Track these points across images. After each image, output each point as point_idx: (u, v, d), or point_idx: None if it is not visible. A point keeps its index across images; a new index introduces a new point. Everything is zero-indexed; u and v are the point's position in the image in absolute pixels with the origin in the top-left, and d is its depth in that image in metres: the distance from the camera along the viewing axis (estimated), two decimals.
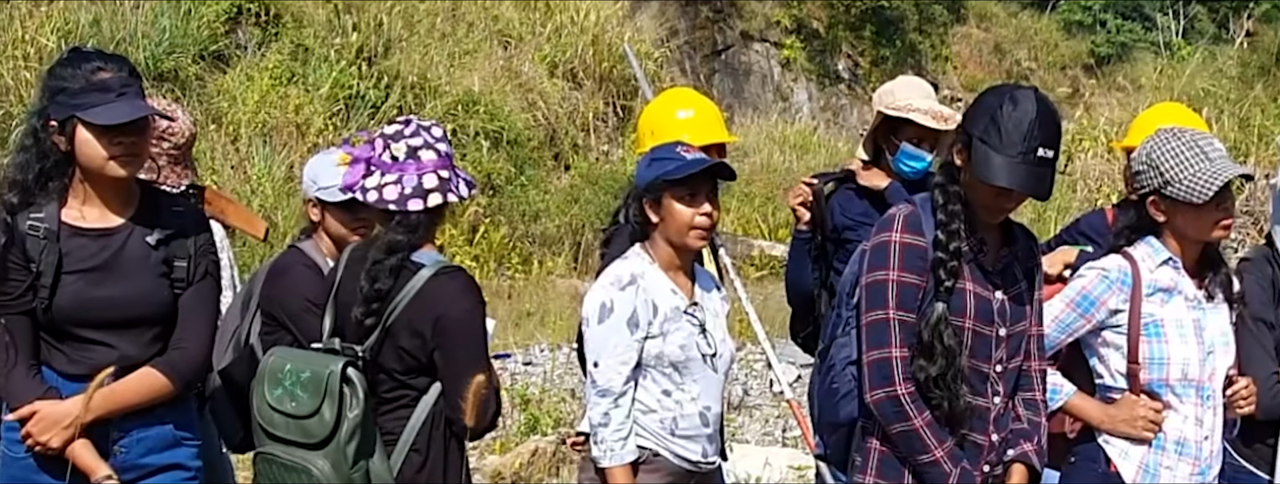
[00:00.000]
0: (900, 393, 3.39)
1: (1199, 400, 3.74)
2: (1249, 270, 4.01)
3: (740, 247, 13.89)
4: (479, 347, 3.53)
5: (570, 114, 15.41)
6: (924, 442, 3.40)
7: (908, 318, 3.40)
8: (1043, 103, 3.37)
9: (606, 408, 3.81)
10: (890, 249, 3.42)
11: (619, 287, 3.84)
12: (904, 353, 3.39)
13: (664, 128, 4.80)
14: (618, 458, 3.80)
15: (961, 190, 3.44)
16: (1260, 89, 16.78)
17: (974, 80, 20.12)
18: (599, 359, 3.83)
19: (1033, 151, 3.33)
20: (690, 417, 3.92)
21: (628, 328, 3.81)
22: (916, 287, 3.40)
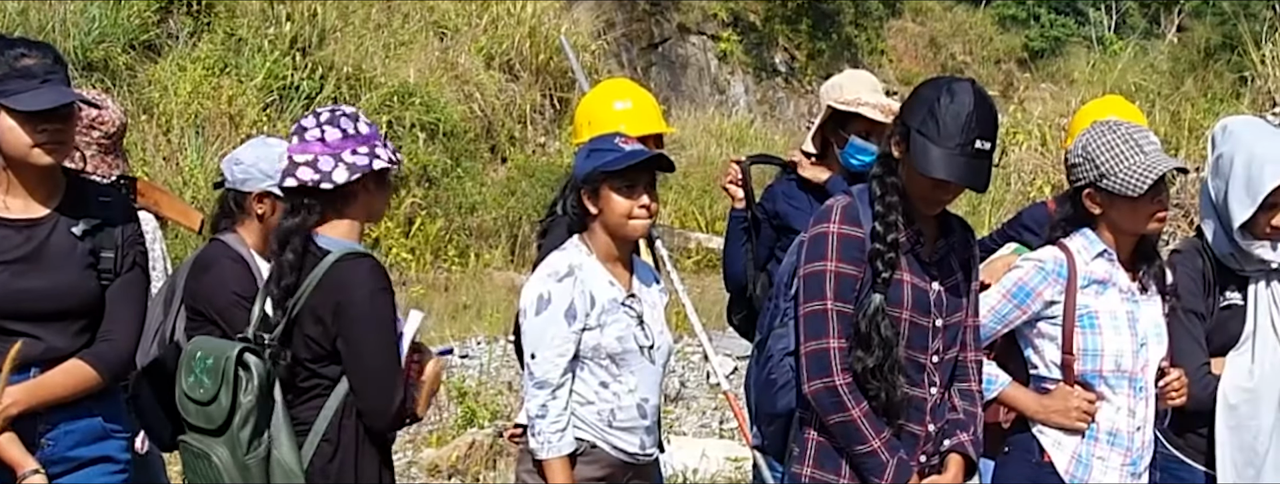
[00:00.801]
0: (838, 383, 3.40)
1: (1132, 392, 3.77)
2: (1180, 262, 4.04)
3: (677, 239, 13.90)
4: (384, 333, 3.50)
5: (507, 106, 15.36)
6: (861, 432, 3.41)
7: (845, 309, 3.41)
8: (980, 95, 3.38)
9: (544, 400, 3.80)
10: (828, 240, 3.43)
11: (556, 278, 3.83)
12: (842, 344, 3.40)
13: (601, 119, 4.79)
14: (555, 450, 3.80)
15: (899, 182, 3.45)
16: (1191, 84, 17.01)
17: (909, 74, 20.25)
18: (536, 351, 3.82)
19: (970, 143, 3.35)
20: (628, 408, 3.91)
21: (565, 320, 3.80)
22: (854, 278, 3.41)
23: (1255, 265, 3.99)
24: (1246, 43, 11.53)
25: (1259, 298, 4.00)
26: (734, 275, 5.00)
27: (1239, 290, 4.02)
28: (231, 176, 4.13)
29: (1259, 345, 3.98)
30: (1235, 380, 3.97)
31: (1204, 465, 4.03)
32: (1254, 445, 3.97)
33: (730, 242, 5.02)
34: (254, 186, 4.08)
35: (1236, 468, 3.97)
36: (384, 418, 3.53)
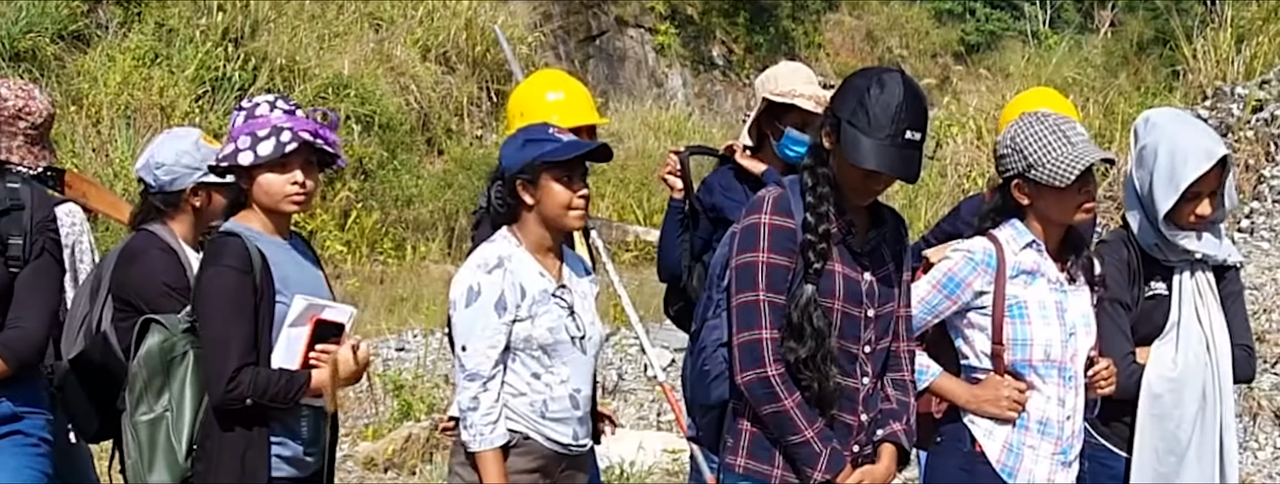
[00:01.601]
0: (770, 374, 3.40)
1: (1061, 381, 3.80)
2: (1106, 253, 4.08)
3: (615, 232, 13.87)
4: (218, 306, 3.60)
5: (443, 98, 15.28)
6: (794, 423, 3.42)
7: (778, 299, 3.41)
8: (909, 85, 3.39)
9: (475, 392, 3.78)
10: (759, 231, 3.43)
11: (486, 269, 3.81)
12: (774, 334, 3.41)
13: (534, 109, 4.78)
14: (487, 442, 3.78)
15: (830, 172, 3.46)
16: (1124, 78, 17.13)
17: (846, 67, 20.30)
18: (467, 343, 3.80)
19: (900, 134, 3.36)
20: (560, 399, 3.90)
21: (495, 311, 3.78)
22: (786, 268, 3.41)
23: (1180, 256, 4.04)
24: (1178, 37, 11.65)
25: (1183, 288, 4.05)
26: (670, 266, 5.00)
27: (1164, 281, 4.08)
28: (155, 180, 4.09)
29: (1183, 336, 4.03)
30: (1159, 370, 4.02)
31: (1128, 453, 4.07)
32: (1176, 434, 4.02)
33: (667, 232, 5.02)
34: (185, 183, 4.06)
35: (1157, 455, 4.02)
36: (214, 391, 3.61)
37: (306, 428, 3.79)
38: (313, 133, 3.74)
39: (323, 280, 3.93)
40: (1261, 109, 9.05)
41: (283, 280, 3.70)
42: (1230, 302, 4.14)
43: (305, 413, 3.77)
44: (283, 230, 3.84)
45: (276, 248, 3.77)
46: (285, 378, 3.65)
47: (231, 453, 3.64)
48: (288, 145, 3.68)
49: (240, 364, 3.59)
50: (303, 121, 3.74)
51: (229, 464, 3.64)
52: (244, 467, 3.64)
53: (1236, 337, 4.11)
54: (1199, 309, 4.04)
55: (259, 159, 3.68)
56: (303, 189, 3.76)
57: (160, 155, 4.08)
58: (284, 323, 3.68)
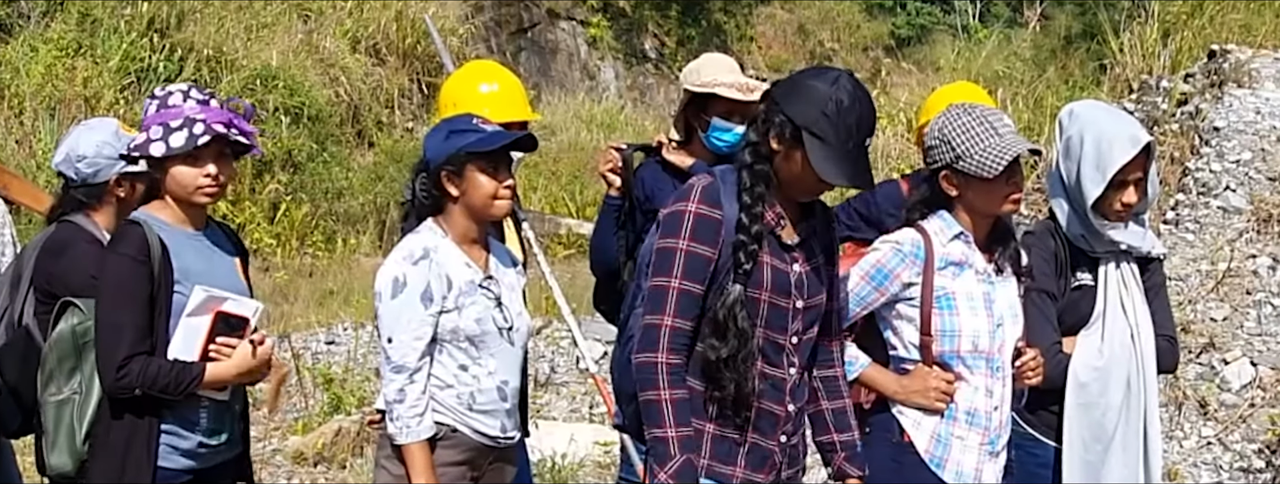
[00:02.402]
0: (660, 361, 3.37)
1: (989, 371, 3.82)
2: (1033, 244, 4.10)
3: (547, 225, 13.84)
4: (109, 295, 3.62)
5: (374, 90, 15.18)
6: (664, 417, 3.36)
7: (692, 288, 3.38)
8: (866, 94, 3.39)
9: (401, 384, 3.75)
10: (684, 218, 3.40)
11: (411, 261, 3.78)
12: (678, 323, 3.38)
13: (466, 100, 4.74)
14: (414, 434, 3.75)
15: (769, 170, 3.43)
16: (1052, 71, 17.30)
17: (778, 60, 20.41)
18: (392, 335, 3.77)
19: (860, 144, 3.38)
20: (488, 391, 3.88)
21: (421, 302, 3.76)
22: (706, 259, 3.38)
23: (1105, 246, 4.08)
24: (1106, 31, 11.77)
25: (1109, 279, 4.09)
26: (605, 261, 4.98)
27: (1090, 271, 4.11)
28: (77, 174, 4.02)
29: (1108, 325, 4.07)
30: (1085, 360, 4.05)
31: (1055, 442, 4.11)
32: (1102, 422, 4.06)
33: (603, 228, 4.99)
34: (109, 174, 4.00)
35: (1084, 444, 4.06)
36: (104, 379, 3.61)
37: (207, 419, 3.76)
38: (227, 123, 3.70)
39: (237, 273, 3.89)
40: (1186, 102, 9.16)
41: (183, 271, 3.67)
42: (1154, 293, 4.17)
43: (205, 404, 3.74)
44: (196, 221, 3.81)
45: (184, 238, 3.74)
46: (177, 369, 3.62)
47: (119, 440, 3.63)
48: (200, 138, 3.65)
49: (130, 353, 3.58)
50: (217, 112, 3.70)
51: (115, 451, 3.63)
52: (129, 455, 3.63)
53: (1161, 327, 4.14)
54: (1124, 300, 4.07)
55: (171, 150, 3.65)
56: (215, 181, 3.72)
57: (81, 148, 4.01)
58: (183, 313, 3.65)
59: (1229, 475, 6.45)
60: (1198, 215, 7.86)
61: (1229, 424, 6.64)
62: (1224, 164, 8.24)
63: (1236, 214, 7.84)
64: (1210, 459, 6.54)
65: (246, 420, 4.00)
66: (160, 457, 3.66)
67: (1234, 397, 6.77)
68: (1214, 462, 6.53)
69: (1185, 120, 8.91)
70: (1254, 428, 6.62)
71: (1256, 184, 8.02)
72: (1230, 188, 8.03)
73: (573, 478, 7.16)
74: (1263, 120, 8.54)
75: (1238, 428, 6.64)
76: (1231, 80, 9.07)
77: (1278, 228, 7.63)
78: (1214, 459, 6.54)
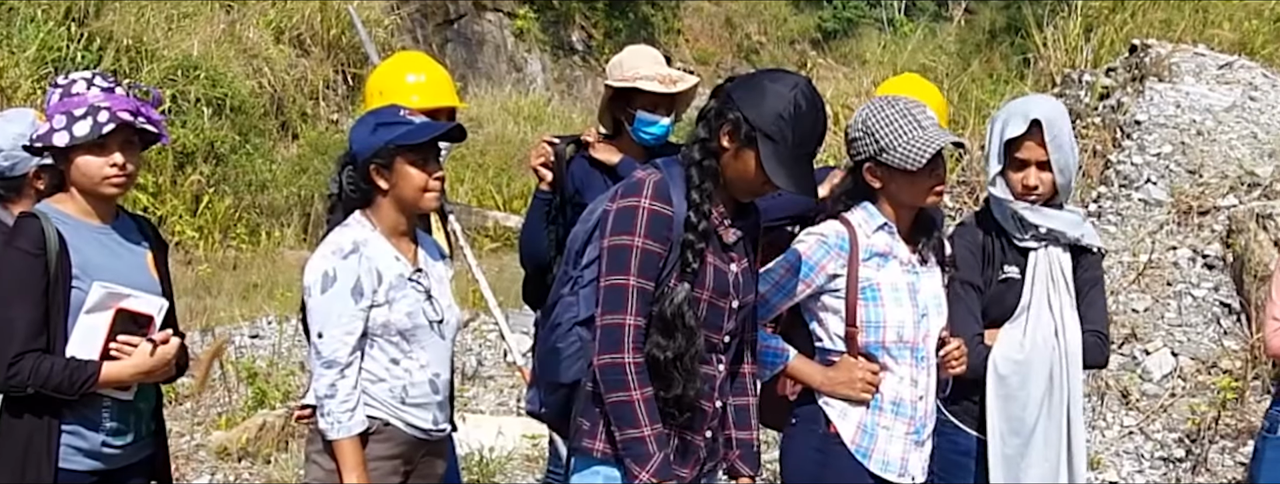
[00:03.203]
0: (626, 362, 3.34)
1: (914, 362, 3.83)
2: (960, 236, 4.15)
3: (474, 218, 13.79)
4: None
5: (298, 81, 15.05)
6: (637, 417, 3.35)
7: (647, 286, 3.36)
8: (823, 104, 3.40)
9: (332, 379, 3.72)
10: (637, 215, 3.35)
11: (341, 255, 3.75)
12: (639, 321, 3.35)
13: (393, 90, 4.73)
14: (345, 429, 3.72)
15: (716, 167, 3.41)
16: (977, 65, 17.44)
17: (706, 53, 20.46)
18: (323, 330, 3.73)
19: (810, 153, 3.40)
20: (420, 384, 3.86)
21: (351, 297, 3.72)
22: (659, 255, 3.36)
23: (1030, 232, 4.10)
24: (1030, 25, 11.87)
25: (1037, 270, 4.11)
26: (535, 256, 4.95)
27: (1018, 265, 4.13)
28: None
29: (1032, 318, 4.09)
30: (1006, 352, 4.08)
31: (977, 432, 4.15)
32: (1022, 416, 4.08)
33: (533, 222, 4.96)
34: (27, 167, 3.92)
35: (1003, 437, 4.09)
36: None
37: (110, 419, 3.67)
38: (133, 111, 3.62)
39: (147, 268, 3.79)
40: (1108, 96, 9.27)
41: (83, 266, 3.58)
42: (1088, 287, 4.17)
43: (107, 404, 3.66)
44: (103, 213, 3.72)
45: (87, 231, 3.66)
46: (72, 368, 3.54)
47: (18, 440, 3.54)
48: (105, 126, 3.56)
49: (22, 349, 3.49)
50: (122, 100, 3.62)
51: (15, 451, 3.54)
52: (29, 455, 3.54)
53: (1090, 322, 4.15)
54: (1051, 293, 4.09)
55: (75, 139, 3.56)
56: (122, 171, 3.64)
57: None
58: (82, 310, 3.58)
59: (1150, 464, 6.54)
60: (1119, 208, 7.95)
61: (1150, 414, 6.73)
62: (1145, 157, 8.34)
63: (1157, 206, 7.94)
64: (1132, 448, 6.62)
65: (159, 419, 3.90)
66: (62, 457, 3.57)
67: (1155, 387, 6.86)
68: (1136, 451, 6.61)
69: (1107, 114, 9.01)
70: (1175, 417, 6.71)
71: (1177, 177, 8.13)
72: (1151, 181, 8.13)
73: (500, 471, 7.14)
74: (1183, 114, 8.65)
75: (1159, 417, 6.73)
76: (1152, 74, 9.19)
77: (1197, 220, 7.74)
78: (1135, 448, 6.62)
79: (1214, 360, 6.90)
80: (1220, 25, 11.02)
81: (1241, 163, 8.07)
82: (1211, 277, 7.35)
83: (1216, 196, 7.83)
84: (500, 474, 7.13)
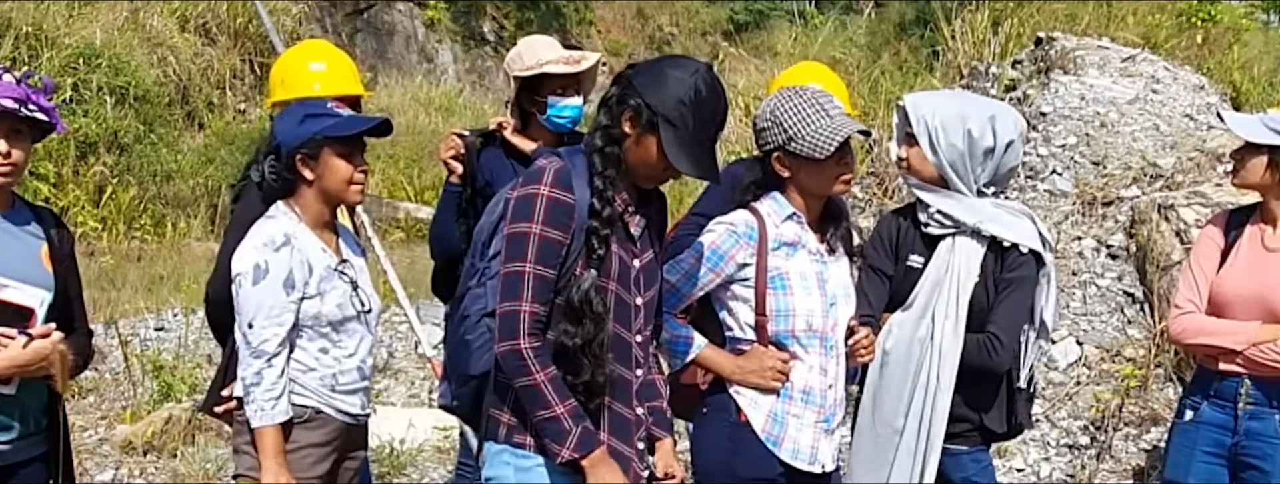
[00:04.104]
0: (523, 347, 3.33)
1: (823, 350, 3.85)
2: (879, 222, 4.20)
3: (386, 209, 13.69)
4: None
5: (204, 71, 14.85)
6: (545, 397, 3.34)
7: (546, 273, 3.35)
8: (723, 89, 3.41)
9: (260, 368, 3.76)
10: (536, 202, 3.35)
11: (273, 247, 3.79)
12: (535, 308, 3.34)
13: (295, 79, 4.69)
14: (269, 418, 3.77)
15: (619, 153, 3.41)
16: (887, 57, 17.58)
17: (618, 45, 20.44)
18: (253, 320, 3.77)
19: (712, 138, 3.40)
20: (349, 372, 3.94)
21: (284, 289, 3.78)
22: (559, 243, 3.35)
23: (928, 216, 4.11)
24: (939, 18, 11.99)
25: (937, 261, 4.12)
26: (446, 249, 4.92)
27: (924, 255, 4.13)
28: None
29: (912, 312, 4.10)
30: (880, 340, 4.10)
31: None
32: (887, 412, 4.10)
33: (444, 214, 4.93)
34: None
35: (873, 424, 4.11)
36: None
37: None
38: (19, 99, 3.54)
39: (38, 259, 3.71)
40: (1014, 88, 9.38)
41: None
42: (1006, 287, 4.09)
43: None
44: None
45: None
46: None
47: None
48: None
49: None
50: (7, 87, 3.54)
51: None
52: None
53: (992, 323, 4.07)
54: (945, 282, 4.10)
55: None
56: (6, 159, 3.57)
57: None
58: None
59: (1056, 451, 6.62)
60: (1026, 199, 8.04)
61: (1056, 402, 6.81)
62: (1051, 148, 8.45)
63: (1063, 197, 8.04)
64: (1038, 436, 6.70)
65: (54, 414, 3.80)
66: None
67: (1061, 375, 6.95)
68: (1042, 438, 6.69)
69: (1013, 106, 9.10)
70: (1080, 405, 6.80)
71: (1081, 168, 8.24)
72: (1056, 172, 8.23)
73: (412, 463, 7.10)
74: (1087, 106, 8.77)
75: (1064, 405, 6.82)
76: (1057, 67, 9.31)
77: (1102, 211, 7.84)
78: (1042, 436, 6.70)
79: (1118, 349, 7.00)
80: (1125, 20, 11.20)
81: (1144, 154, 8.20)
82: (1115, 266, 7.46)
83: (1120, 188, 7.95)
84: (411, 466, 7.09)
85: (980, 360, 4.06)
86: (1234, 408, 4.31)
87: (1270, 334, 4.22)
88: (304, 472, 3.89)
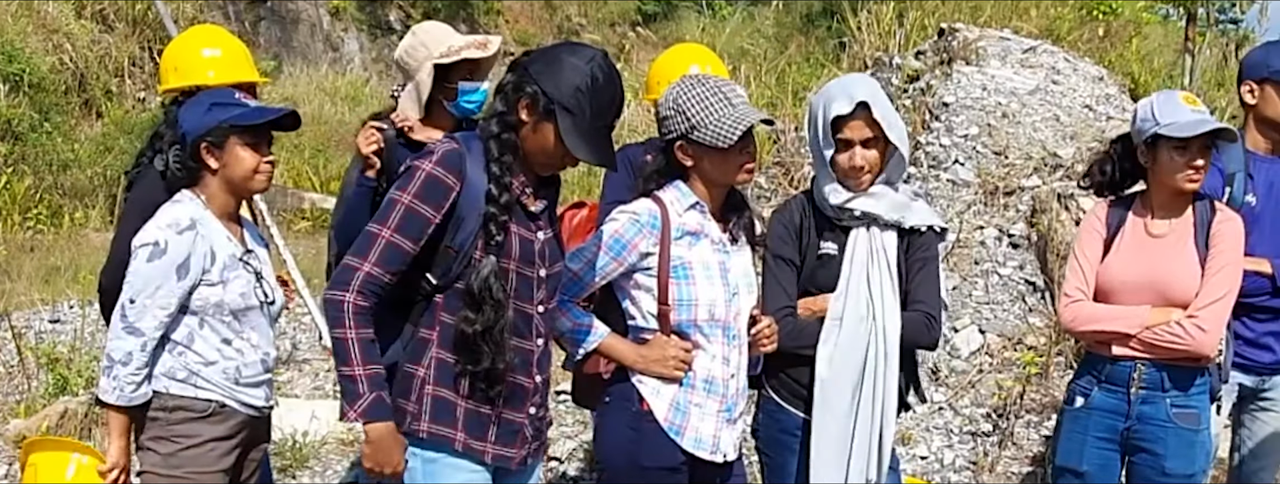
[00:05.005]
0: (348, 301, 3.33)
1: (725, 340, 3.85)
2: (780, 211, 4.19)
3: (291, 199, 13.52)
4: None
5: (101, 58, 14.58)
6: (351, 355, 3.33)
7: (403, 244, 3.35)
8: (619, 76, 3.43)
9: (132, 348, 3.77)
10: (416, 175, 3.37)
11: (177, 230, 3.79)
12: (376, 270, 3.34)
13: (188, 65, 4.63)
14: (126, 399, 3.79)
15: (516, 140, 3.42)
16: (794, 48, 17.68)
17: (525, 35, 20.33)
18: (137, 297, 3.77)
19: (609, 125, 3.42)
20: (253, 364, 3.95)
21: (176, 273, 3.78)
22: (426, 219, 3.36)
23: (849, 213, 4.12)
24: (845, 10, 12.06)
25: (856, 251, 4.10)
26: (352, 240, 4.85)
27: (836, 242, 4.14)
28: None
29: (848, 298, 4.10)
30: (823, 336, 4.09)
31: (799, 410, 4.13)
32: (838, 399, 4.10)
33: (356, 207, 4.85)
34: None
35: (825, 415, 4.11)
36: None
37: None
38: None
39: None
40: (917, 79, 9.45)
41: None
42: (917, 267, 4.14)
43: None
44: None
45: None
46: None
47: None
48: None
49: None
50: None
51: None
52: None
53: (919, 302, 4.12)
54: (869, 273, 4.09)
55: None
56: None
57: None
58: None
59: (959, 439, 6.68)
60: (929, 188, 8.10)
61: (959, 390, 6.88)
62: (953, 139, 8.52)
63: (965, 187, 8.11)
64: (941, 424, 6.75)
65: None
66: None
67: (964, 363, 7.01)
68: (945, 426, 6.75)
69: (917, 96, 9.18)
70: (982, 393, 6.86)
71: (983, 158, 8.31)
72: (959, 162, 8.30)
73: (315, 456, 7.03)
74: (989, 97, 8.85)
75: (967, 393, 6.88)
76: (960, 58, 9.38)
77: (1003, 200, 7.92)
78: (945, 423, 6.76)
79: (1019, 337, 7.07)
80: (1027, 13, 11.32)
81: (1044, 144, 8.29)
82: (1017, 255, 7.54)
83: (1021, 177, 8.03)
84: (314, 459, 7.02)
85: (921, 336, 4.14)
86: (1126, 393, 4.36)
87: (1162, 316, 4.28)
88: (209, 466, 3.90)
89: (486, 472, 3.52)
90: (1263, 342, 4.78)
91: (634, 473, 3.81)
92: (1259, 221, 4.71)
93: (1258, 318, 4.71)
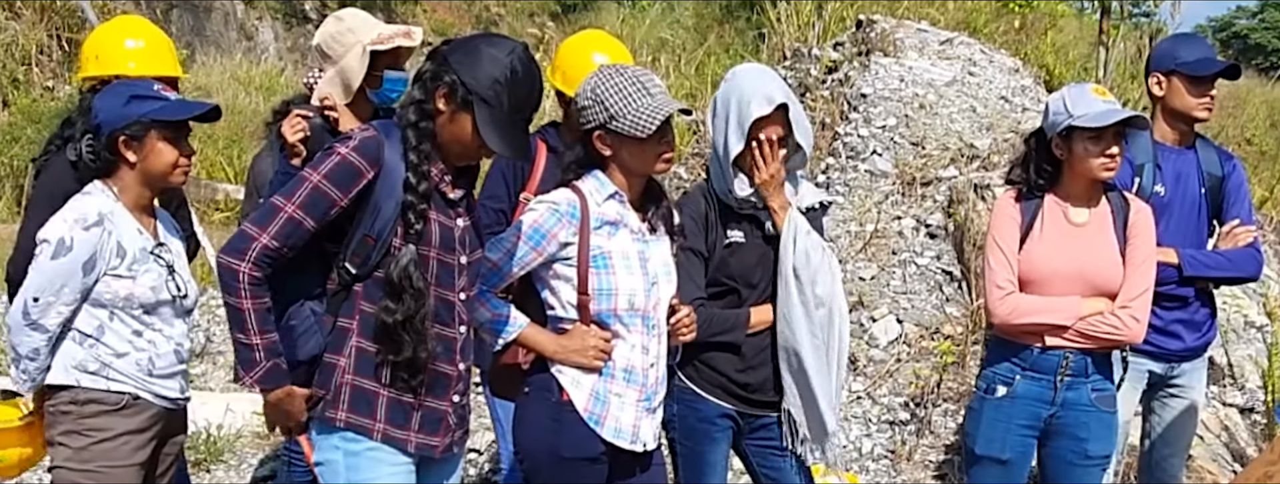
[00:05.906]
0: (243, 270, 3.34)
1: (645, 329, 3.85)
2: (685, 204, 4.21)
3: (204, 191, 13.33)
4: None
5: (8, 46, 14.30)
6: (247, 324, 3.35)
7: (304, 220, 3.35)
8: (538, 69, 3.43)
9: (38, 344, 3.79)
10: (330, 158, 3.38)
11: (83, 225, 3.74)
12: (273, 243, 3.34)
13: (110, 55, 4.57)
14: (39, 385, 3.88)
15: (433, 129, 3.42)
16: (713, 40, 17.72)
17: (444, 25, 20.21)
18: (41, 295, 3.75)
19: (527, 118, 3.43)
20: (166, 355, 3.93)
21: (82, 270, 3.75)
22: (331, 201, 3.36)
23: (752, 204, 4.17)
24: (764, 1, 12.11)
25: (786, 234, 4.19)
26: None
27: (742, 230, 4.20)
28: None
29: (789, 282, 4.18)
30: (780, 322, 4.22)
31: (715, 397, 4.22)
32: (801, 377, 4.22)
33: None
34: None
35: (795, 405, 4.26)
36: None
37: None
38: None
39: None
40: (836, 70, 9.50)
41: None
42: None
43: None
44: None
45: None
46: None
47: None
48: None
49: None
50: None
51: None
52: None
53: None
54: (809, 253, 4.17)
55: None
56: None
57: None
58: None
59: (877, 428, 6.73)
60: (847, 179, 8.15)
61: (877, 379, 6.92)
62: (871, 129, 8.57)
63: (883, 177, 8.17)
64: (860, 413, 6.79)
65: None
66: None
67: (881, 353, 7.06)
68: (863, 415, 6.79)
69: (835, 87, 9.23)
70: (900, 382, 6.92)
71: (901, 149, 8.38)
72: (877, 152, 8.36)
73: (229, 449, 6.96)
74: (906, 88, 8.92)
75: (885, 382, 6.93)
76: (878, 49, 9.45)
77: (920, 191, 7.99)
78: (863, 413, 6.80)
79: (937, 326, 7.14)
80: (945, 5, 11.42)
81: (961, 135, 8.37)
82: (934, 245, 7.61)
83: (938, 168, 8.10)
84: (229, 452, 6.95)
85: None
86: (1053, 381, 4.41)
87: (1093, 307, 4.35)
88: (123, 460, 3.88)
89: (411, 461, 3.51)
90: (1171, 329, 4.85)
91: (554, 464, 3.80)
92: (1167, 211, 4.79)
93: (1166, 306, 4.78)
